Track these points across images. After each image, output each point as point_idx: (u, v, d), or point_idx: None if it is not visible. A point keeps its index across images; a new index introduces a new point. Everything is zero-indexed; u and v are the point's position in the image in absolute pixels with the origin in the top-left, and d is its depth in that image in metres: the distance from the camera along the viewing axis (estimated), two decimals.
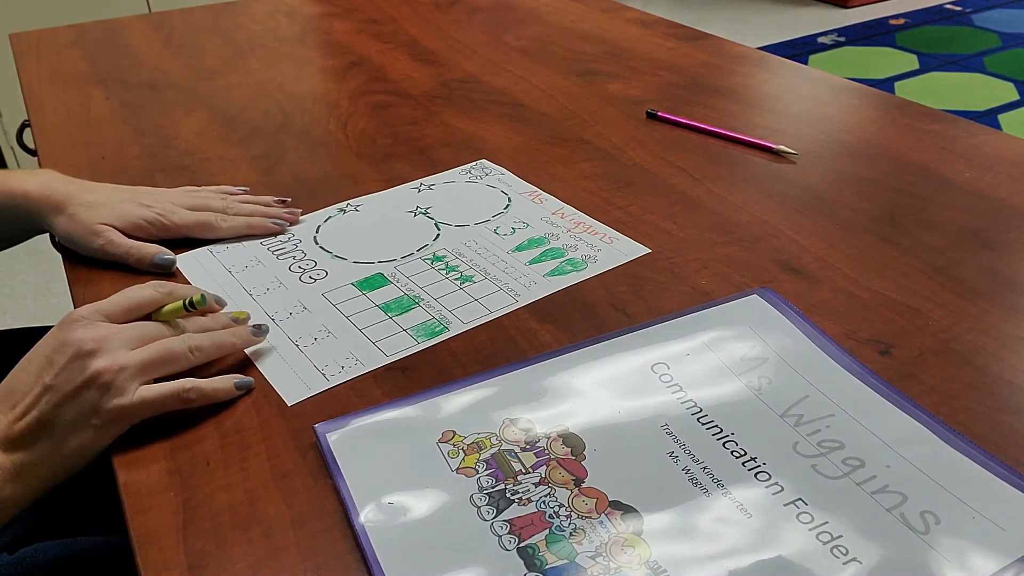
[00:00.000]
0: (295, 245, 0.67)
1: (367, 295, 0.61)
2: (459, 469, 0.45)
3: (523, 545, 0.41)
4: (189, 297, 0.53)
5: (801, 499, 0.43)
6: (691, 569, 0.39)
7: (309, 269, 0.64)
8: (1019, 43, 2.97)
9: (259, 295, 0.61)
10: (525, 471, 0.45)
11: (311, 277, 0.63)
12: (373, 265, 0.64)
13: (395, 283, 0.62)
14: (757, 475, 0.44)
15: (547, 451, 0.46)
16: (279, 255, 0.66)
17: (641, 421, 0.48)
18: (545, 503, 0.43)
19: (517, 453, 0.46)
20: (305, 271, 0.64)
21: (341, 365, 0.54)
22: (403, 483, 0.44)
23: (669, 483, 0.44)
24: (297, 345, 0.56)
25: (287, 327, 0.57)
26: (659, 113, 0.87)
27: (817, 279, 0.61)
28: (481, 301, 0.60)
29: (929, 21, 3.24)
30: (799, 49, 3.00)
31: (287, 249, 0.67)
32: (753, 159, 0.79)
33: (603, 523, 0.42)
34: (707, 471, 0.45)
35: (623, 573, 0.39)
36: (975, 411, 0.49)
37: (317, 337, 0.57)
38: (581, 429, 0.47)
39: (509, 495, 0.44)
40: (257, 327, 0.56)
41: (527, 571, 0.40)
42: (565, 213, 0.71)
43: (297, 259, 0.65)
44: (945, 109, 1.96)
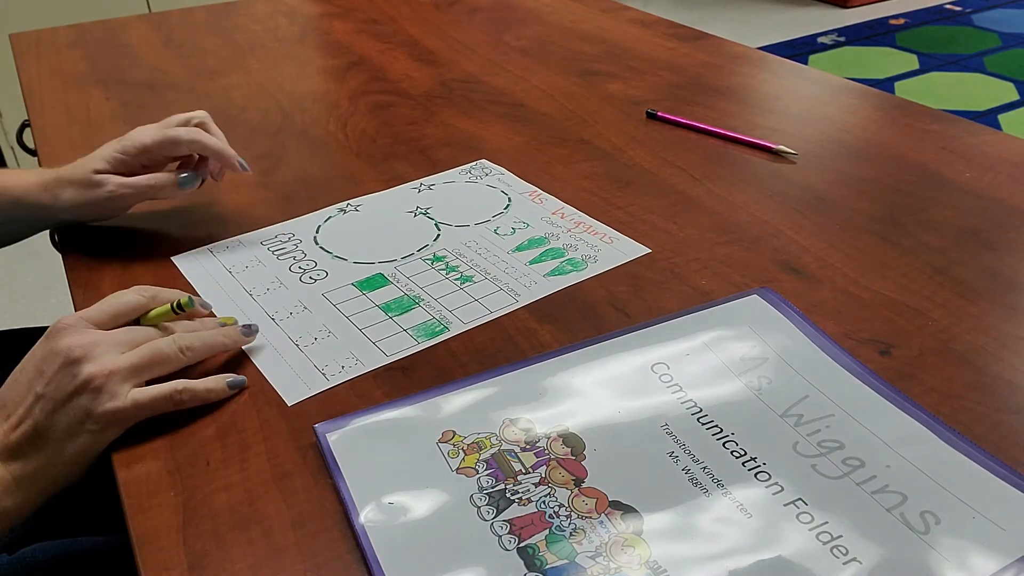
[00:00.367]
0: (295, 245, 0.67)
1: (367, 295, 0.61)
2: (459, 469, 0.45)
3: (523, 545, 0.41)
4: (176, 300, 0.53)
5: (801, 499, 0.43)
6: (691, 569, 0.39)
7: (309, 269, 0.64)
8: (1019, 43, 2.97)
9: (259, 295, 0.61)
10: (525, 471, 0.45)
11: (311, 277, 0.63)
12: (373, 265, 0.64)
13: (395, 283, 0.62)
14: (757, 475, 0.44)
15: (547, 451, 0.46)
16: (279, 255, 0.66)
17: (641, 421, 0.48)
18: (545, 503, 0.43)
19: (517, 453, 0.46)
20: (305, 271, 0.64)
21: (341, 365, 0.54)
22: (403, 483, 0.44)
23: (669, 483, 0.44)
24: (297, 345, 0.56)
25: (287, 327, 0.57)
26: (659, 113, 0.87)
27: (817, 279, 0.61)
28: (481, 301, 0.60)
29: (929, 21, 3.24)
30: (799, 49, 3.00)
31: (287, 249, 0.67)
32: (753, 159, 0.79)
33: (603, 523, 0.42)
34: (707, 471, 0.44)
35: (623, 573, 0.39)
36: (975, 411, 0.49)
37: (317, 337, 0.56)
38: (581, 429, 0.47)
39: (509, 495, 0.44)
40: (247, 327, 0.55)
41: (527, 571, 0.40)
42: (565, 213, 0.71)
43: (297, 259, 0.65)
44: (945, 109, 1.97)
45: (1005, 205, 0.70)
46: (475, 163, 0.80)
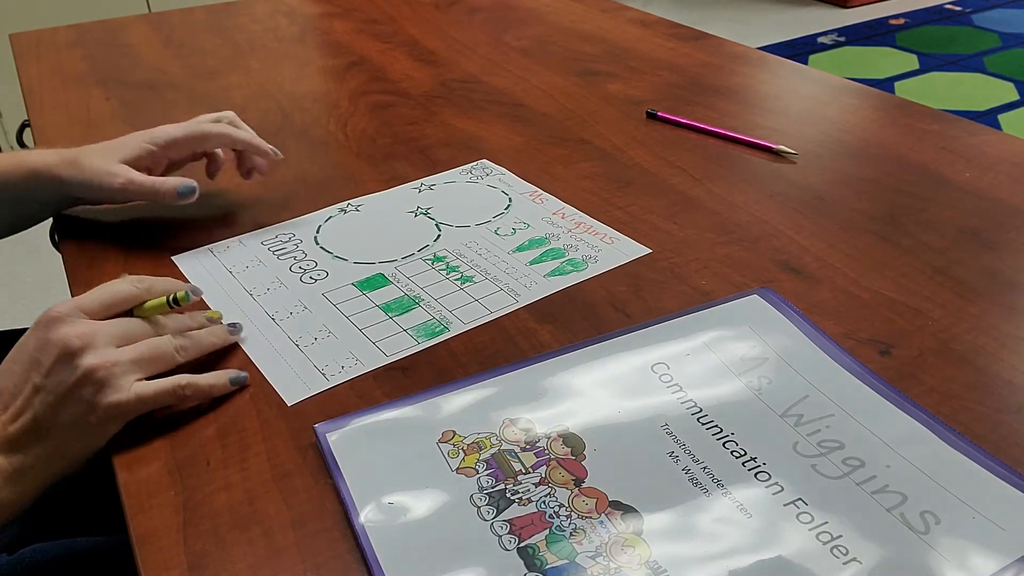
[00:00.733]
0: (296, 245, 0.67)
1: (367, 295, 0.61)
2: (459, 469, 0.45)
3: (523, 545, 0.41)
4: (173, 294, 0.53)
5: (801, 499, 0.43)
6: (691, 569, 0.39)
7: (310, 269, 0.64)
8: (1019, 43, 2.97)
9: (259, 295, 0.61)
10: (525, 471, 0.45)
11: (312, 277, 0.63)
12: (374, 265, 0.64)
13: (395, 283, 0.62)
14: (757, 475, 0.44)
15: (547, 451, 0.46)
16: (280, 255, 0.66)
17: (641, 421, 0.48)
18: (545, 503, 0.43)
19: (517, 453, 0.46)
20: (306, 271, 0.64)
21: (341, 365, 0.54)
22: (403, 483, 0.44)
23: (669, 483, 0.44)
24: (297, 345, 0.56)
25: (287, 327, 0.57)
26: (659, 113, 0.87)
27: (817, 279, 0.61)
28: (481, 301, 0.60)
29: (929, 21, 3.24)
30: (799, 49, 3.00)
31: (288, 249, 0.67)
32: (753, 159, 0.79)
33: (603, 523, 0.42)
34: (707, 471, 0.44)
35: (623, 573, 0.39)
36: (975, 411, 0.49)
37: (317, 337, 0.56)
38: (581, 429, 0.47)
39: (509, 495, 0.44)
40: (232, 325, 0.56)
41: (527, 571, 0.40)
42: (566, 213, 0.71)
43: (298, 259, 0.65)
44: (945, 109, 1.96)
45: (1005, 205, 0.70)
46: (476, 163, 0.80)
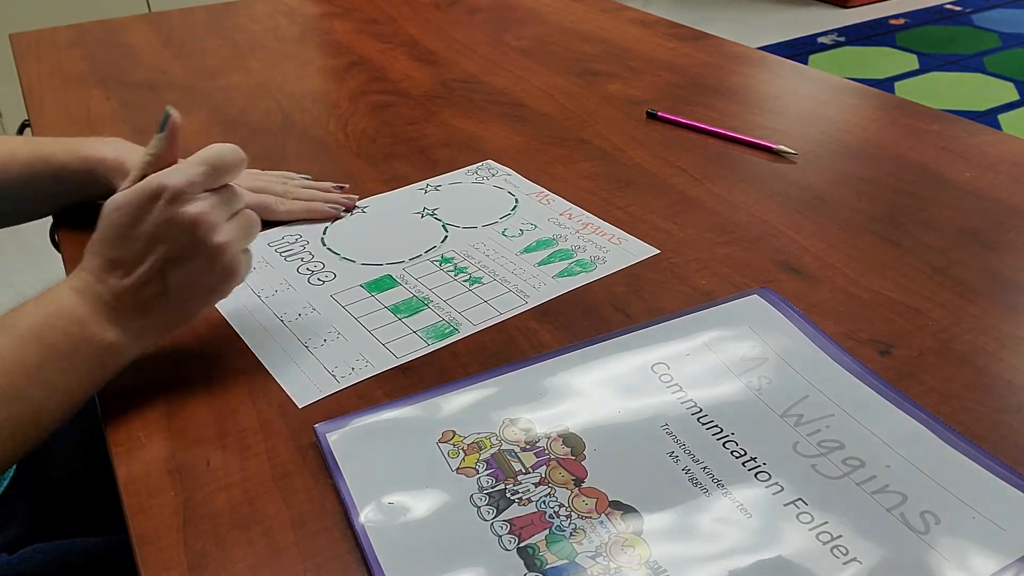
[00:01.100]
0: (303, 247, 0.67)
1: (376, 297, 0.61)
2: (459, 469, 0.45)
3: (523, 545, 0.41)
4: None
5: (801, 499, 0.43)
6: (691, 569, 0.39)
7: (317, 271, 0.64)
8: (1019, 43, 2.97)
9: (267, 297, 0.61)
10: (525, 471, 0.45)
11: (319, 279, 0.63)
12: (381, 267, 0.64)
13: (404, 285, 0.62)
14: (757, 475, 0.44)
15: (547, 451, 0.46)
16: (287, 257, 0.66)
17: (641, 421, 0.48)
18: (545, 503, 0.43)
19: (517, 453, 0.46)
20: (313, 273, 0.63)
21: (351, 367, 0.54)
22: (403, 483, 0.44)
23: (669, 483, 0.44)
24: (307, 347, 0.56)
25: (296, 329, 0.57)
26: (659, 113, 0.87)
27: (817, 279, 0.61)
28: (491, 303, 0.60)
29: (929, 21, 3.24)
30: (799, 49, 3.00)
31: (295, 251, 0.67)
32: (753, 159, 0.79)
33: (603, 523, 0.42)
34: (707, 471, 0.44)
35: (623, 573, 0.39)
36: (975, 411, 0.49)
37: (327, 339, 0.56)
38: (581, 429, 0.47)
39: (509, 495, 0.44)
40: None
41: (527, 571, 0.40)
42: (573, 214, 0.71)
43: (305, 261, 0.65)
44: (945, 109, 1.96)
45: (1005, 205, 0.70)
46: (481, 164, 0.80)
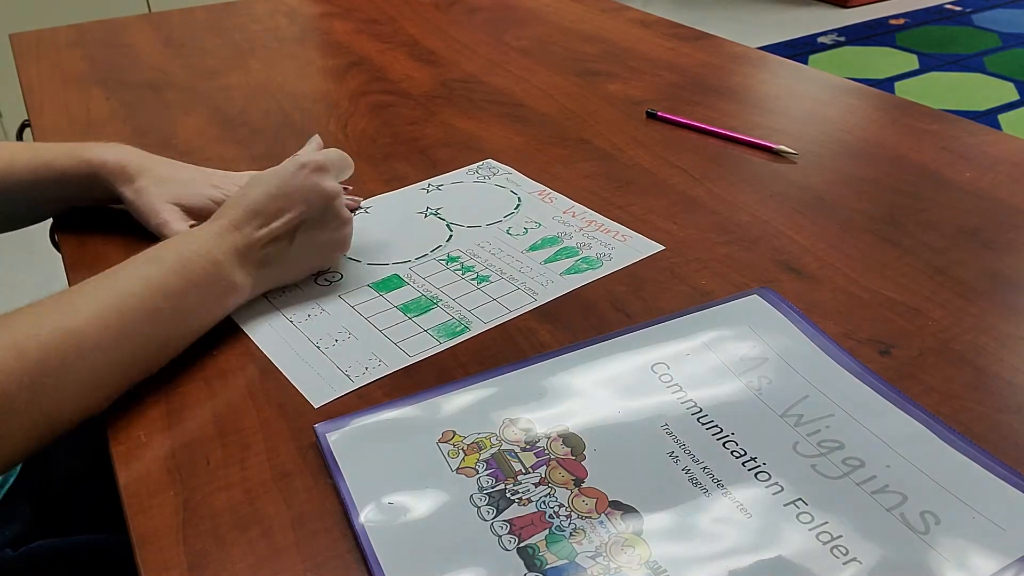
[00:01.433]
0: None
1: (384, 296, 0.61)
2: (459, 469, 0.45)
3: (523, 545, 0.41)
4: None
5: (801, 499, 0.43)
6: (691, 569, 0.39)
7: (324, 272, 0.63)
8: (1019, 43, 2.97)
9: (275, 297, 0.60)
10: (525, 471, 0.45)
11: (327, 279, 0.63)
12: (388, 266, 0.64)
13: (412, 284, 0.62)
14: (757, 475, 0.44)
15: (547, 451, 0.46)
16: None
17: (641, 421, 0.48)
18: (545, 503, 0.43)
19: (517, 453, 0.46)
20: (320, 273, 0.63)
21: (364, 366, 0.54)
22: (403, 483, 0.44)
23: (669, 483, 0.44)
24: (318, 347, 0.55)
25: (307, 329, 0.57)
26: (659, 113, 0.87)
27: (817, 279, 0.61)
28: (500, 301, 0.60)
29: (929, 21, 3.24)
30: (799, 49, 3.00)
31: None
32: (753, 159, 0.79)
33: (603, 523, 0.42)
34: (707, 471, 0.44)
35: (623, 573, 0.39)
36: (975, 411, 0.49)
37: (338, 339, 0.56)
38: (581, 429, 0.47)
39: (509, 495, 0.44)
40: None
41: (527, 571, 0.40)
42: (576, 212, 0.71)
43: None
44: (945, 109, 1.97)
45: (1005, 205, 0.70)
46: (482, 163, 0.80)
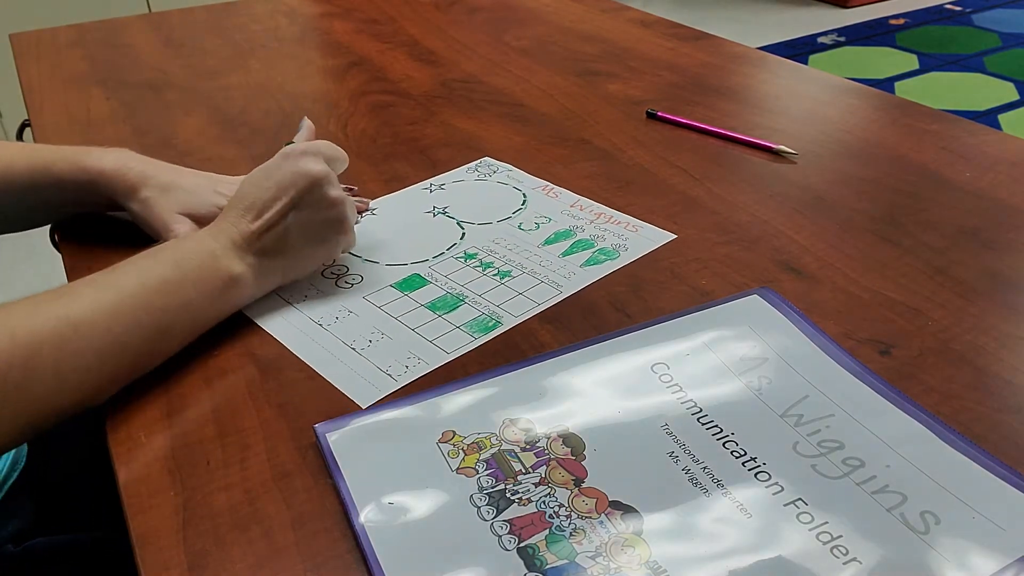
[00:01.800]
0: None
1: (409, 296, 0.60)
2: (459, 469, 0.45)
3: (523, 545, 0.41)
4: None
5: (801, 499, 0.43)
6: (691, 569, 0.39)
7: (343, 274, 0.63)
8: (1019, 43, 2.97)
9: (298, 303, 0.60)
10: (525, 471, 0.45)
11: (347, 282, 0.62)
12: (407, 266, 0.64)
13: (434, 283, 0.62)
14: (757, 475, 0.44)
15: (547, 451, 0.46)
16: None
17: (641, 421, 0.48)
18: (545, 503, 0.43)
19: (517, 453, 0.46)
20: (339, 276, 0.63)
21: (405, 365, 0.54)
22: (403, 483, 0.44)
23: (669, 483, 0.44)
24: (354, 348, 0.55)
25: (338, 331, 0.57)
26: (659, 113, 0.87)
27: (817, 279, 0.61)
28: (526, 295, 0.60)
29: (929, 21, 3.24)
30: (799, 49, 3.00)
31: None
32: (753, 159, 0.79)
33: (603, 523, 0.42)
34: (707, 471, 0.44)
35: (623, 573, 0.39)
36: (975, 411, 0.49)
37: (372, 339, 0.56)
38: (581, 429, 0.47)
39: (509, 495, 0.44)
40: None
41: (527, 571, 0.40)
42: (583, 205, 0.71)
43: (327, 265, 0.64)
44: (945, 109, 1.96)
45: (1005, 205, 0.70)
46: (479, 161, 0.80)
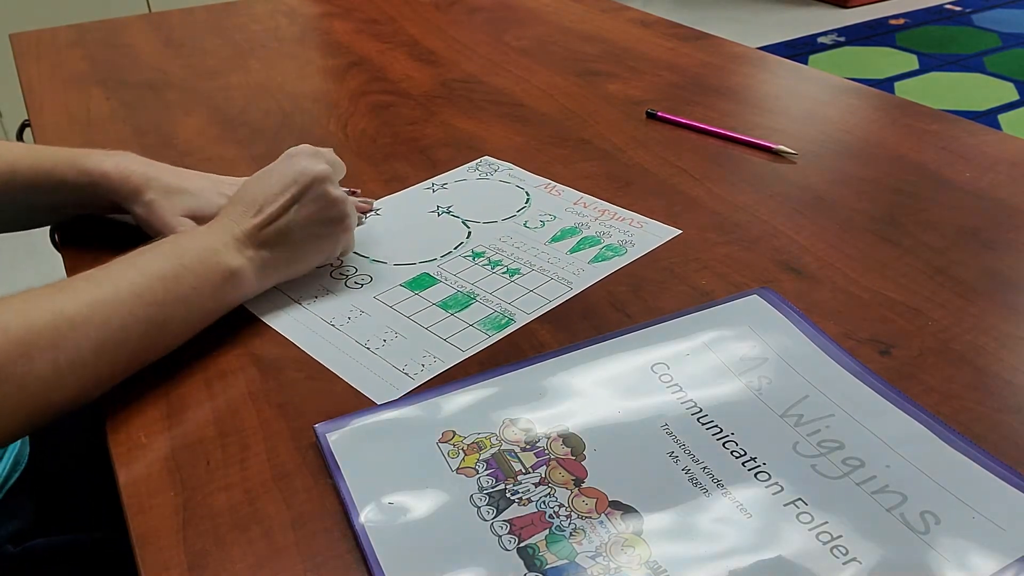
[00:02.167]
0: None
1: (420, 295, 0.60)
2: (459, 469, 0.45)
3: (523, 545, 0.41)
4: None
5: (801, 499, 0.43)
6: (691, 569, 0.39)
7: (352, 275, 0.63)
8: (1019, 43, 2.97)
9: (308, 303, 0.60)
10: (525, 471, 0.45)
11: (356, 282, 0.62)
12: (415, 266, 0.64)
13: (444, 282, 0.62)
14: (757, 475, 0.44)
15: (547, 451, 0.46)
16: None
17: (641, 421, 0.48)
18: (545, 503, 0.43)
19: (517, 453, 0.46)
20: (348, 277, 0.63)
21: (421, 363, 0.54)
22: (403, 483, 0.44)
23: (669, 483, 0.44)
24: (368, 348, 0.55)
25: (351, 331, 0.57)
26: (659, 113, 0.87)
27: (817, 279, 0.61)
28: (537, 292, 0.60)
29: (929, 21, 3.24)
30: (799, 49, 3.00)
31: None
32: (753, 159, 0.79)
33: (603, 523, 0.42)
34: (707, 471, 0.44)
35: (623, 573, 0.39)
36: (975, 411, 0.49)
37: (386, 339, 0.56)
38: (581, 429, 0.47)
39: (509, 495, 0.44)
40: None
41: (527, 571, 0.40)
42: (587, 203, 0.71)
43: (335, 266, 0.64)
44: (945, 109, 1.96)
45: (1005, 205, 0.70)
46: (480, 160, 0.80)
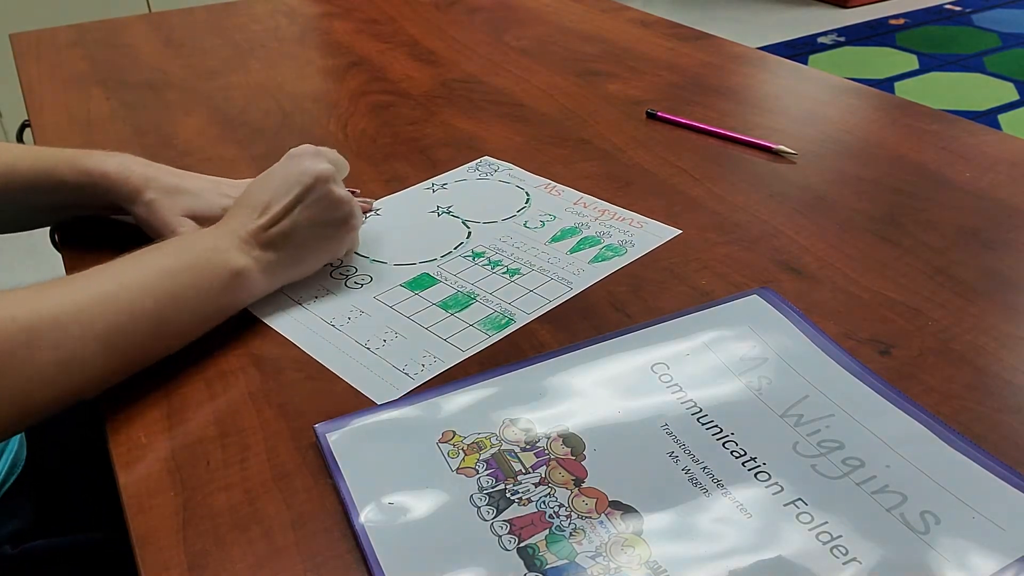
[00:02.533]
0: None
1: (420, 295, 0.60)
2: (459, 469, 0.45)
3: (523, 545, 0.41)
4: None
5: (801, 499, 0.43)
6: (691, 569, 0.39)
7: (352, 275, 0.63)
8: (1019, 43, 2.97)
9: (308, 303, 0.60)
10: (525, 471, 0.45)
11: (356, 283, 0.62)
12: (415, 266, 0.64)
13: (444, 282, 0.62)
14: (757, 475, 0.44)
15: (547, 451, 0.46)
16: None
17: (641, 421, 0.48)
18: (545, 503, 0.43)
19: (517, 453, 0.46)
20: (348, 277, 0.63)
21: (421, 363, 0.54)
22: (403, 483, 0.44)
23: (669, 483, 0.44)
24: (368, 348, 0.55)
25: (351, 331, 0.57)
26: (659, 113, 0.87)
27: (817, 279, 0.61)
28: (537, 292, 0.60)
29: (929, 21, 3.24)
30: (799, 49, 3.00)
31: None
32: (753, 159, 0.79)
33: (603, 523, 0.42)
34: (707, 471, 0.44)
35: (623, 573, 0.39)
36: (975, 411, 0.49)
37: (386, 339, 0.56)
38: (581, 429, 0.47)
39: (509, 495, 0.44)
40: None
41: (527, 571, 0.40)
42: (587, 203, 0.71)
43: (336, 266, 0.64)
44: (945, 109, 1.96)
45: (1005, 205, 0.70)
46: (480, 160, 0.80)
